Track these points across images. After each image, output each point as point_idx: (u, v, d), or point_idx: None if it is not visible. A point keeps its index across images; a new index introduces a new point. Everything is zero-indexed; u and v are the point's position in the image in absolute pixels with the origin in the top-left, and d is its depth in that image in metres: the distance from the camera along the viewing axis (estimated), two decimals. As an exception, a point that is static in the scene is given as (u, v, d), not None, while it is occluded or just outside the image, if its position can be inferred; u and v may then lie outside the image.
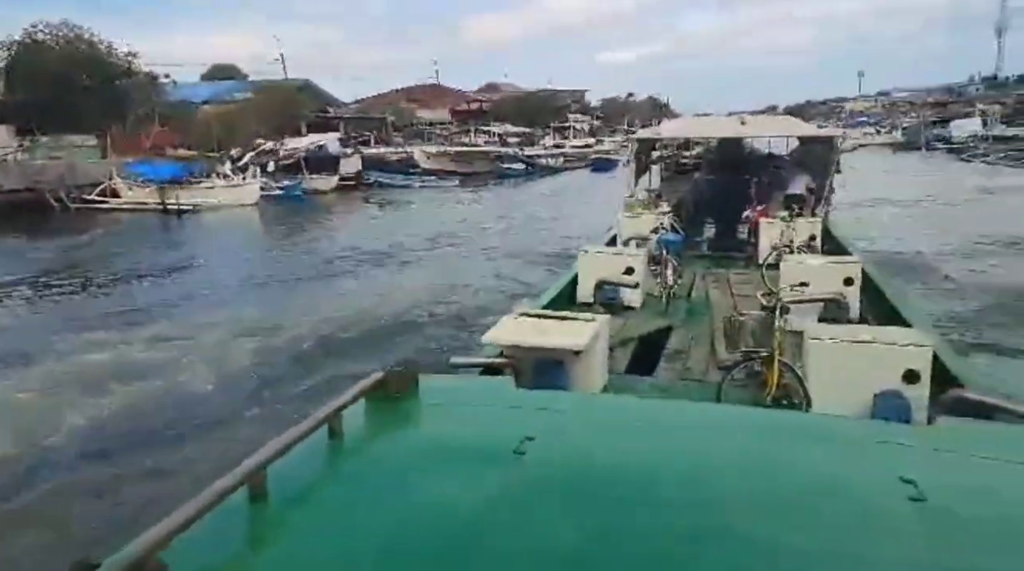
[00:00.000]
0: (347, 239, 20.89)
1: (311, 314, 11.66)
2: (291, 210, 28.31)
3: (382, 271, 15.92)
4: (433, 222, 24.18)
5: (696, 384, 5.56)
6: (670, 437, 1.86)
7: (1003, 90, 75.32)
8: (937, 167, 38.50)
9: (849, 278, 6.69)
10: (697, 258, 10.67)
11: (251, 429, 7.25)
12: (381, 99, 77.65)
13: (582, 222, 21.77)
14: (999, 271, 13.39)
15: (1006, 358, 8.84)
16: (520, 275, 14.42)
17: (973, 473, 1.66)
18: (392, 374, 2.00)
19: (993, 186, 28.64)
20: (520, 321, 4.83)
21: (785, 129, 13.75)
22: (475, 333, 8.57)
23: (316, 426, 1.66)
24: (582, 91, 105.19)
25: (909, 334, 4.56)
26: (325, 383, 8.23)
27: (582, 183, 40.52)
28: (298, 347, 10.01)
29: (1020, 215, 19.51)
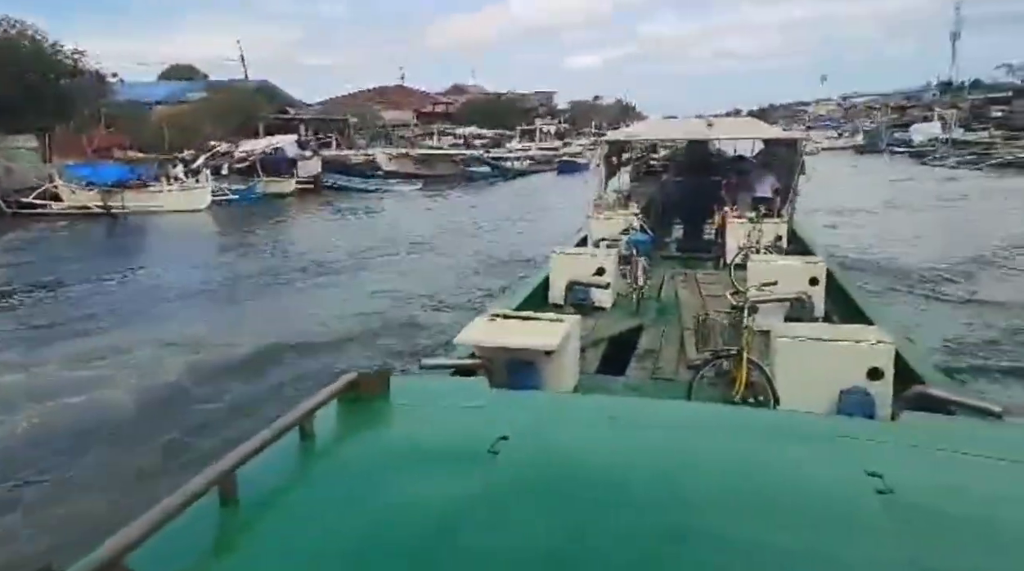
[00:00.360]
0: (299, 247, 19.93)
1: (248, 331, 10.77)
2: (245, 215, 27.17)
3: (332, 282, 15.05)
4: (391, 228, 23.32)
5: (667, 383, 5.60)
6: (642, 436, 1.85)
7: (958, 95, 76.97)
8: (901, 171, 38.64)
9: (814, 278, 6.77)
10: (666, 258, 10.70)
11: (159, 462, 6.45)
12: (345, 100, 76.35)
13: (548, 227, 21.16)
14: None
15: (964, 356, 9.01)
16: (480, 285, 13.67)
17: (936, 466, 1.70)
18: (364, 376, 1.99)
19: (960, 191, 28.71)
20: (492, 322, 4.83)
21: (751, 131, 13.82)
22: (427, 351, 8.62)
23: (287, 428, 1.64)
24: (550, 93, 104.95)
25: (872, 332, 4.63)
26: (242, 415, 7.40)
27: (548, 186, 39.93)
28: (226, 369, 9.13)
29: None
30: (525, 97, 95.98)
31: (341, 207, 30.70)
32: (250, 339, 10.20)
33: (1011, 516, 1.47)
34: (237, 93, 43.98)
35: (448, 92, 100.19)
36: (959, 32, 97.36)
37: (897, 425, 2.12)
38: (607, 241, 9.20)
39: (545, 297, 7.62)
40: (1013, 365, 8.58)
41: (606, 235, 9.42)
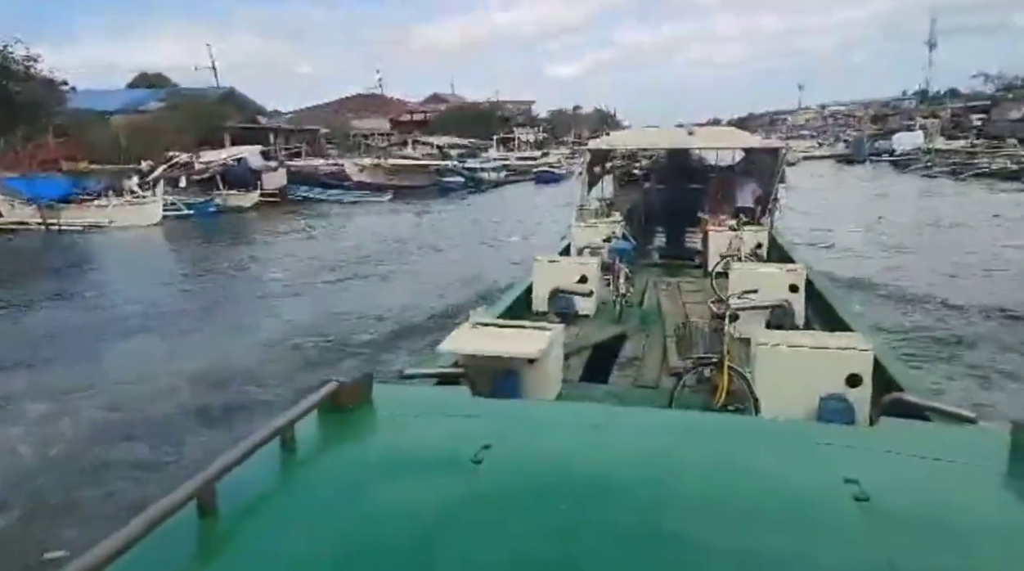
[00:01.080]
0: (252, 265, 18.43)
1: (176, 368, 9.30)
2: (200, 230, 25.54)
3: (281, 307, 13.56)
4: (349, 245, 21.88)
5: (649, 391, 5.60)
6: (624, 444, 1.85)
7: (938, 104, 77.21)
8: (885, 185, 37.43)
9: (794, 285, 6.81)
10: (649, 266, 10.72)
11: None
12: (319, 110, 74.80)
13: (521, 245, 19.80)
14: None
15: (941, 364, 8.96)
16: (441, 310, 12.23)
17: (913, 473, 1.71)
18: (345, 385, 1.97)
19: (952, 205, 27.35)
20: (475, 330, 4.81)
21: (732, 140, 13.78)
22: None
23: (268, 438, 1.62)
24: (529, 102, 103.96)
25: (851, 339, 4.68)
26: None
27: (524, 198, 38.63)
28: (122, 427, 7.64)
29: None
30: (504, 106, 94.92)
31: (305, 221, 29.16)
32: (158, 386, 8.73)
33: (985, 522, 1.49)
34: (200, 102, 42.24)
35: (427, 101, 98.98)
36: (935, 42, 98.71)
37: (875, 431, 2.14)
38: (590, 249, 9.12)
39: (528, 305, 7.55)
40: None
41: (589, 243, 9.35)
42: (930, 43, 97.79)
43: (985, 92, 75.24)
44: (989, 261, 15.72)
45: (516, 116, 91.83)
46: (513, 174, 51.36)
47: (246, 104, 49.89)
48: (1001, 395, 8.19)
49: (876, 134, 62.20)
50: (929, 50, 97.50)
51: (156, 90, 46.15)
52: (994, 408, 7.63)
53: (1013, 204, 26.03)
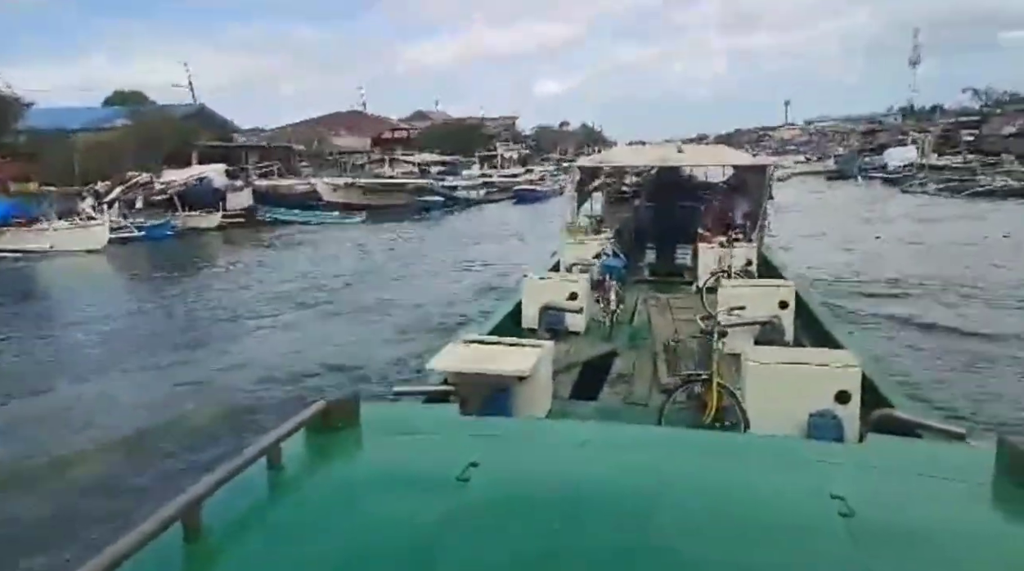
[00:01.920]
0: (190, 299, 16.51)
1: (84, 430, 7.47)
2: (149, 256, 23.62)
3: (203, 357, 11.67)
4: (309, 271, 20.07)
5: (639, 407, 5.58)
6: (613, 461, 1.84)
7: (927, 118, 76.81)
8: (886, 202, 35.62)
9: (783, 302, 6.77)
10: (639, 283, 10.67)
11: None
12: (299, 127, 73.08)
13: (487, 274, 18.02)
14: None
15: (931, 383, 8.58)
16: (388, 360, 10.41)
17: (900, 490, 1.71)
18: (333, 403, 1.95)
19: (965, 230, 23.86)
20: (465, 347, 4.78)
21: (720, 157, 13.72)
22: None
23: (253, 458, 1.61)
24: (513, 118, 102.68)
25: (840, 356, 4.71)
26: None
27: (504, 218, 36.93)
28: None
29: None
30: (488, 122, 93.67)
31: (268, 245, 27.33)
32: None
33: (969, 538, 1.49)
34: (165, 119, 40.33)
35: (410, 118, 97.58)
36: (918, 59, 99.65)
37: (863, 448, 2.15)
38: (580, 265, 9.12)
39: (518, 322, 7.52)
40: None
41: (579, 260, 9.33)
42: (913, 60, 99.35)
43: (972, 107, 74.98)
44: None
45: (500, 132, 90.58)
46: (495, 192, 49.72)
47: (217, 121, 48.05)
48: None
49: (866, 149, 61.09)
50: (912, 67, 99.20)
51: (122, 108, 44.14)
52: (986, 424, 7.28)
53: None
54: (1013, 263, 17.09)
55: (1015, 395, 8.43)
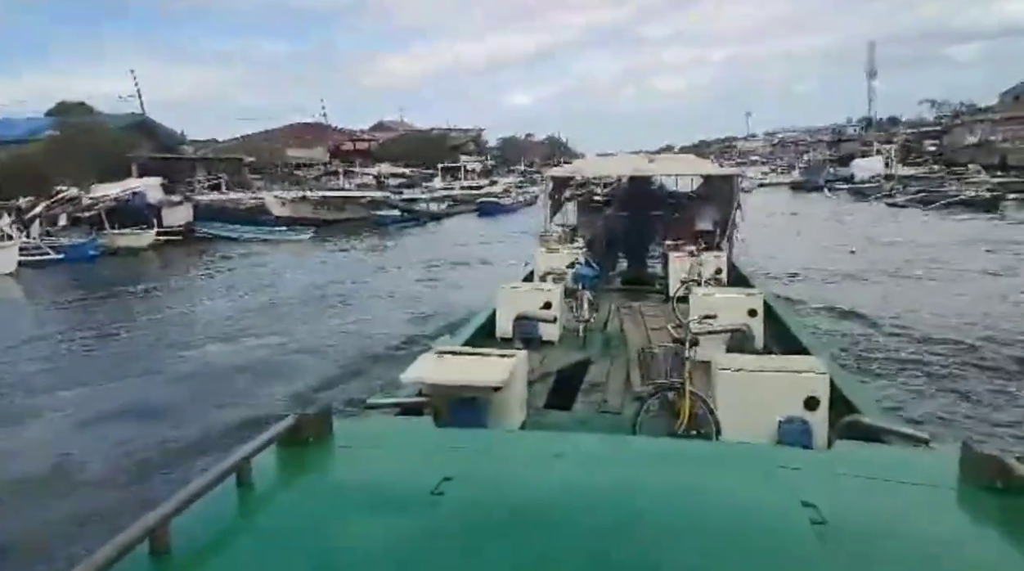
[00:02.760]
0: (87, 336, 14.34)
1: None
2: (65, 282, 21.22)
3: (128, 392, 9.73)
4: (244, 295, 18.16)
5: (613, 416, 5.61)
6: (586, 471, 1.85)
7: (880, 130, 77.79)
8: (856, 214, 34.44)
9: (753, 309, 6.85)
10: (611, 292, 10.73)
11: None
12: (254, 139, 70.57)
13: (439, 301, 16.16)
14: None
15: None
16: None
17: (868, 495, 1.75)
18: (305, 418, 1.94)
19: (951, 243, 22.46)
20: (438, 358, 4.73)
21: (690, 167, 13.88)
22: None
23: (223, 475, 1.59)
24: (478, 130, 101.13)
25: (809, 362, 4.69)
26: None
27: (467, 232, 35.13)
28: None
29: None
30: (452, 133, 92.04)
31: (203, 265, 25.17)
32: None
33: (936, 542, 1.51)
34: (101, 130, 37.79)
35: (372, 129, 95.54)
36: (875, 71, 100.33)
37: (831, 454, 2.25)
38: (553, 275, 9.18)
39: (492, 332, 7.49)
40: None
41: (552, 269, 9.42)
42: (869, 72, 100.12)
43: (927, 119, 75.96)
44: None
45: (466, 143, 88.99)
46: (458, 204, 47.92)
47: (162, 132, 45.55)
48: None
49: (831, 160, 60.68)
50: (869, 79, 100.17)
51: (54, 119, 41.41)
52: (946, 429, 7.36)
53: (1008, 240, 22.87)
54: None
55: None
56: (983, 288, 15.79)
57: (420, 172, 65.71)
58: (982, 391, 8.95)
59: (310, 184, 45.06)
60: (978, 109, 75.94)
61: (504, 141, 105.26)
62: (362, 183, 50.02)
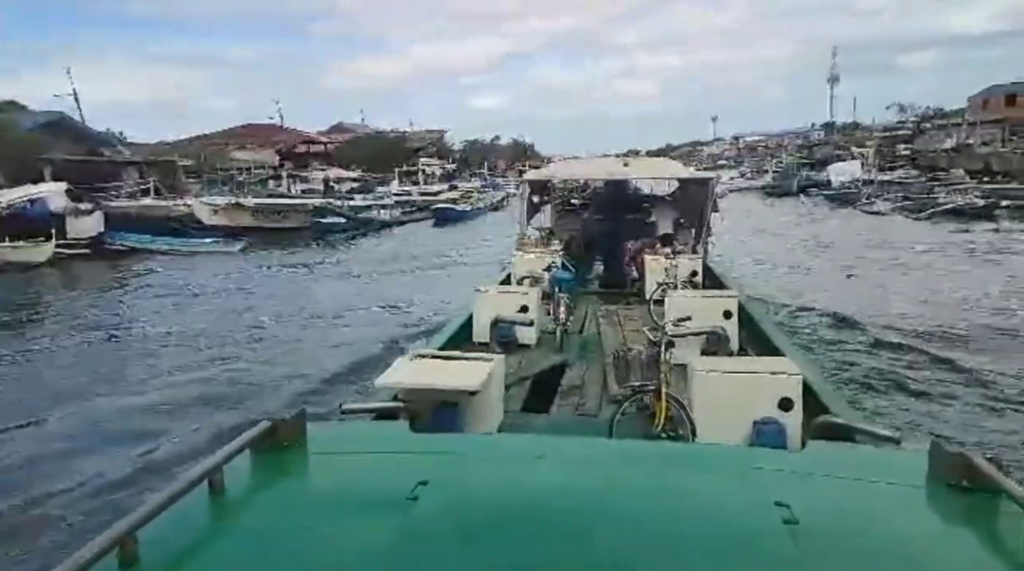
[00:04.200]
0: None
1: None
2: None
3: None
4: (134, 325, 14.96)
5: (590, 419, 5.59)
6: (563, 476, 1.84)
7: (845, 135, 77.46)
8: (846, 226, 30.65)
9: (728, 311, 6.83)
10: (588, 295, 10.76)
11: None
12: (196, 141, 66.47)
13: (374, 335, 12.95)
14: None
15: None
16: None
17: (841, 495, 1.77)
18: (279, 423, 1.92)
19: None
20: (415, 362, 4.73)
21: (665, 171, 13.85)
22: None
23: (194, 483, 1.57)
24: (441, 132, 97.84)
25: (782, 364, 4.73)
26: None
27: (421, 242, 31.95)
28: None
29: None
30: (414, 136, 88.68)
31: (106, 284, 21.67)
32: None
33: (907, 541, 1.53)
34: (6, 131, 33.75)
35: (330, 131, 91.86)
36: (837, 76, 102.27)
37: (805, 455, 2.25)
38: (530, 278, 9.16)
39: (469, 335, 7.40)
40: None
41: (529, 272, 9.36)
42: (832, 78, 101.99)
43: (894, 123, 75.35)
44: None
45: (427, 146, 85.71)
46: (413, 211, 44.62)
47: (86, 134, 41.49)
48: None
49: (805, 163, 58.71)
50: (831, 84, 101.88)
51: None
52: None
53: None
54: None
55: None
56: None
57: (377, 176, 62.38)
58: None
59: (250, 189, 41.29)
60: (945, 113, 75.70)
61: (467, 143, 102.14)
62: (308, 189, 46.42)
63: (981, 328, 12.07)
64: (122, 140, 52.25)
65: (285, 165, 62.71)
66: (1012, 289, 15.76)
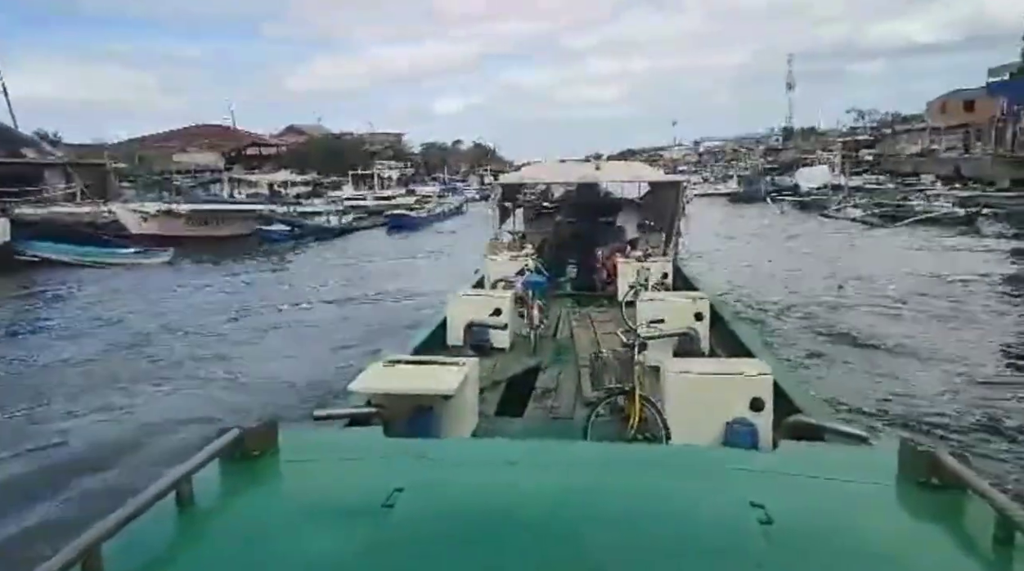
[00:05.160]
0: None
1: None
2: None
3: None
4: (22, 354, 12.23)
5: (564, 422, 5.60)
6: (539, 481, 1.83)
7: (804, 139, 78.02)
8: (821, 237, 27.67)
9: (699, 313, 6.88)
10: (561, 297, 10.80)
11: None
12: (136, 142, 62.89)
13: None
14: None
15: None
16: None
17: (812, 494, 1.79)
18: (249, 431, 1.86)
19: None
20: (388, 367, 4.67)
21: (636, 174, 13.94)
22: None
23: (161, 494, 1.52)
24: (399, 134, 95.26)
25: (753, 364, 4.78)
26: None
27: (370, 253, 29.57)
28: None
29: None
30: (370, 138, 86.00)
31: (19, 300, 18.87)
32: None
33: (877, 540, 1.55)
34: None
35: (284, 133, 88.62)
36: (793, 83, 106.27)
37: (777, 454, 2.30)
38: (504, 282, 9.23)
39: (443, 340, 7.36)
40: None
41: (502, 276, 9.47)
42: (789, 84, 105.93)
43: (854, 127, 75.87)
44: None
45: (385, 149, 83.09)
46: (365, 217, 42.13)
47: (6, 134, 38.03)
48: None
49: (770, 169, 57.72)
50: (788, 90, 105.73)
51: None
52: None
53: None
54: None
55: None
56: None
57: (332, 180, 59.69)
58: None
59: (188, 194, 38.32)
60: (903, 118, 76.42)
61: (426, 146, 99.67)
62: (253, 193, 43.55)
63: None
64: (54, 141, 48.73)
65: (233, 168, 59.63)
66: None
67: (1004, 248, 23.36)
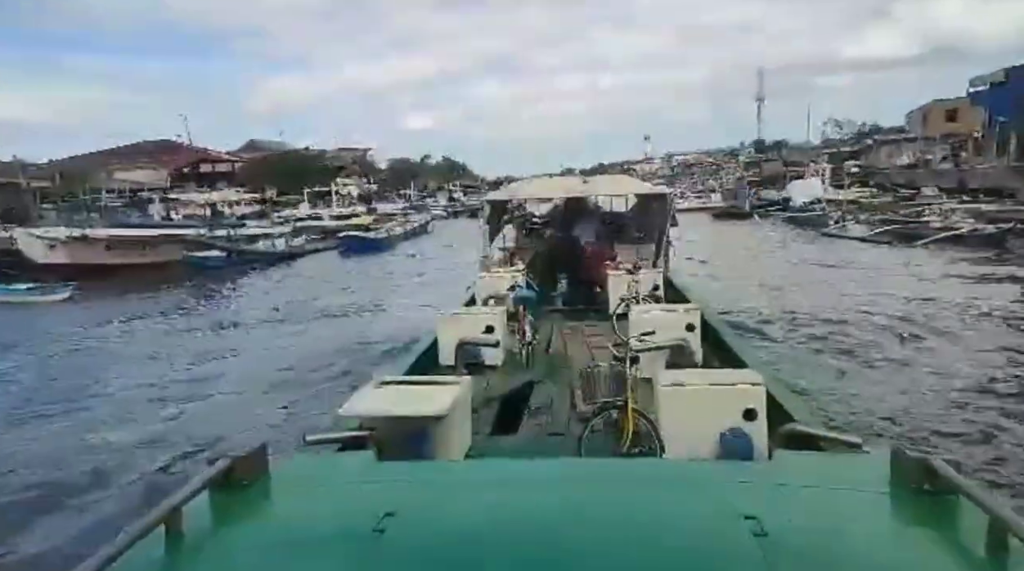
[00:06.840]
0: None
1: None
2: None
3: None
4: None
5: (559, 438, 5.58)
6: (532, 497, 1.83)
7: (776, 151, 77.07)
8: (867, 267, 21.45)
9: (691, 324, 6.87)
10: (553, 312, 10.77)
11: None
12: (77, 160, 58.25)
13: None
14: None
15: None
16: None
17: (808, 504, 1.78)
18: (239, 459, 1.84)
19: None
20: (380, 389, 4.62)
21: (623, 187, 14.41)
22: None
23: (150, 528, 1.51)
24: (365, 149, 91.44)
25: (745, 374, 4.73)
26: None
27: (319, 283, 25.69)
28: None
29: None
30: (336, 153, 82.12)
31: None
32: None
33: (874, 547, 1.55)
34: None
35: (243, 149, 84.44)
36: (763, 96, 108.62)
37: (771, 465, 2.26)
38: (494, 298, 9.16)
39: (435, 359, 7.29)
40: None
41: (493, 292, 9.39)
42: (758, 99, 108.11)
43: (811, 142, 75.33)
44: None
45: (348, 165, 79.23)
46: (319, 239, 38.21)
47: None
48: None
49: (754, 182, 54.94)
50: (758, 104, 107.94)
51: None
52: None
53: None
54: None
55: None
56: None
57: (289, 198, 55.76)
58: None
59: (109, 217, 34.09)
60: (880, 129, 75.23)
61: (394, 162, 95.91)
62: (189, 214, 39.34)
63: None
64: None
65: (184, 187, 55.33)
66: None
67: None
